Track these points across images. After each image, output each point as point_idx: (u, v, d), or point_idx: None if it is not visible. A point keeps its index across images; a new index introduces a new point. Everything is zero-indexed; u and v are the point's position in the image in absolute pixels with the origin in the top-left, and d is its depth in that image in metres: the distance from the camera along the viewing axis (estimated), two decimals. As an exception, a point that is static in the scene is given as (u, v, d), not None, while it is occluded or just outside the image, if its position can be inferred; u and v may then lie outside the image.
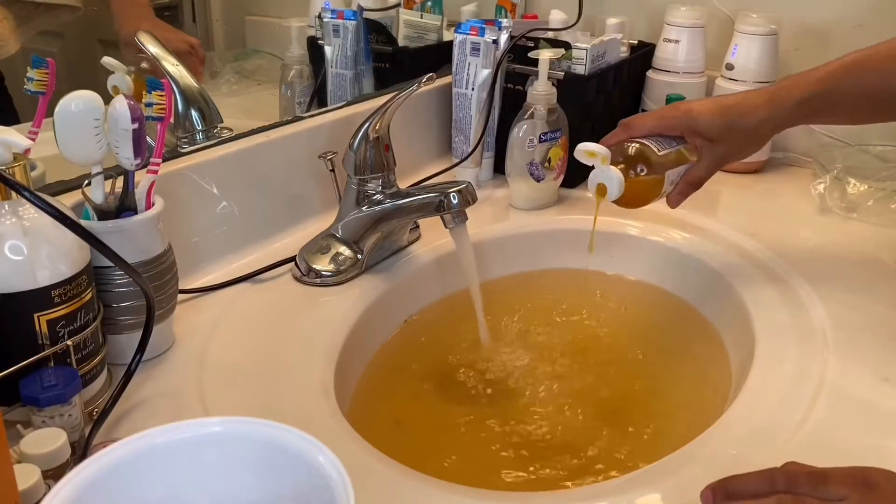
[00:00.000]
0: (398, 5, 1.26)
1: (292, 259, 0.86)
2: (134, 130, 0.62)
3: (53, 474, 0.51)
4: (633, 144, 0.76)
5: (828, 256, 0.93)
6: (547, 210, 1.04)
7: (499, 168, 1.10)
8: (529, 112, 1.00)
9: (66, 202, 0.63)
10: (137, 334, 0.59)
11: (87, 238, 0.53)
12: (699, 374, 0.81)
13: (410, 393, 0.79)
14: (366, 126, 0.83)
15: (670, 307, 0.93)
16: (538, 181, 1.02)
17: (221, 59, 1.18)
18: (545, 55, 1.00)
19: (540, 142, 1.00)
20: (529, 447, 0.70)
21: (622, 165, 0.74)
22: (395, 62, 1.19)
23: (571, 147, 1.05)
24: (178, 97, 0.89)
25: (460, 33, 1.05)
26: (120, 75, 0.82)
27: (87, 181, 0.65)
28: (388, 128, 0.84)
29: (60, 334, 0.58)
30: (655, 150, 0.76)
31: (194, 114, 0.91)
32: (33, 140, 0.64)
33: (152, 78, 0.64)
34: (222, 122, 0.93)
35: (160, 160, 0.67)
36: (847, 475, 0.48)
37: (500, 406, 0.77)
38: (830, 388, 0.67)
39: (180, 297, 0.74)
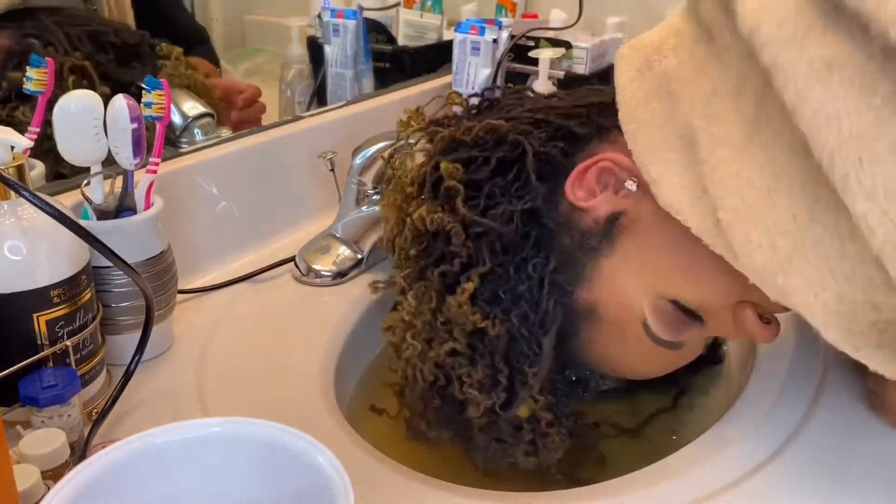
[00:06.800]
0: (398, 4, 1.27)
1: (292, 259, 0.86)
2: (133, 130, 0.62)
3: (53, 475, 0.51)
4: None
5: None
6: (547, 210, 1.04)
7: (499, 168, 1.10)
8: (530, 111, 1.00)
9: (65, 202, 0.62)
10: (137, 334, 0.59)
11: (86, 238, 0.53)
12: (701, 373, 0.81)
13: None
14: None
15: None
16: (538, 181, 1.02)
17: (222, 58, 1.18)
18: (545, 54, 1.00)
19: (540, 141, 1.00)
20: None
21: None
22: (395, 61, 1.19)
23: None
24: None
25: (460, 32, 1.05)
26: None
27: (86, 181, 0.65)
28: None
29: (59, 334, 0.58)
30: None
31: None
32: (32, 140, 0.64)
33: (151, 77, 0.64)
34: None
35: (159, 160, 0.67)
36: None
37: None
38: (832, 386, 0.67)
39: (180, 297, 0.73)
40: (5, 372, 0.55)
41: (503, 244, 0.60)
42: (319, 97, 1.13)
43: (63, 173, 0.75)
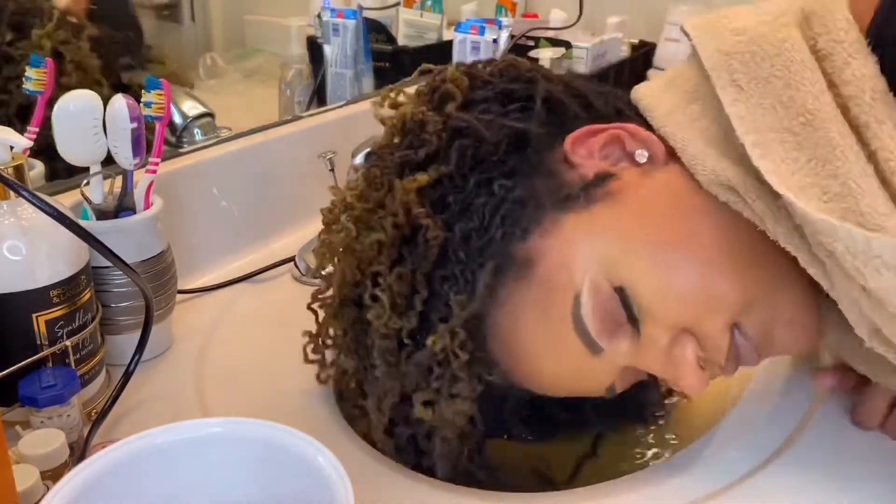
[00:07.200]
0: (398, 4, 1.27)
1: (292, 259, 0.86)
2: (133, 129, 0.62)
3: (52, 475, 0.51)
4: None
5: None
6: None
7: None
8: (530, 111, 1.00)
9: (65, 202, 0.62)
10: (136, 335, 0.59)
11: (85, 238, 0.53)
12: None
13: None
14: None
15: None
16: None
17: (222, 58, 1.18)
18: (545, 54, 1.00)
19: (540, 141, 1.00)
20: (528, 442, 0.70)
21: None
22: (395, 61, 1.19)
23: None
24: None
25: (460, 32, 1.05)
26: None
27: (85, 181, 0.65)
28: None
29: (59, 334, 0.58)
30: None
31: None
32: (32, 140, 0.64)
33: (151, 77, 0.64)
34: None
35: (159, 159, 0.67)
36: None
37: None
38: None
39: (179, 297, 0.73)
40: (5, 372, 0.55)
41: (477, 154, 0.54)
42: (319, 97, 1.13)
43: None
